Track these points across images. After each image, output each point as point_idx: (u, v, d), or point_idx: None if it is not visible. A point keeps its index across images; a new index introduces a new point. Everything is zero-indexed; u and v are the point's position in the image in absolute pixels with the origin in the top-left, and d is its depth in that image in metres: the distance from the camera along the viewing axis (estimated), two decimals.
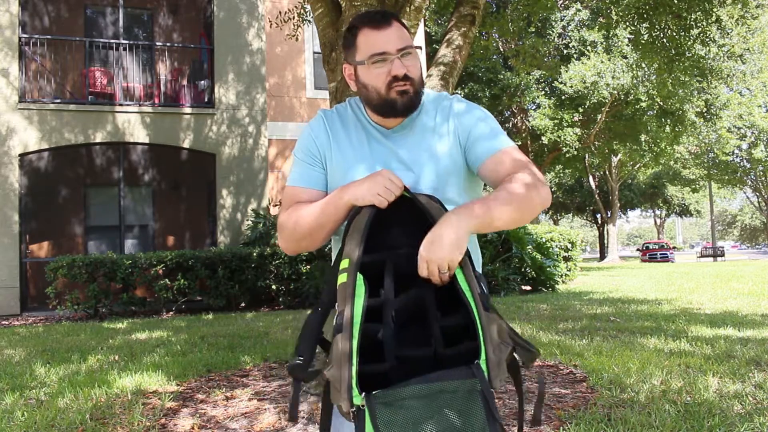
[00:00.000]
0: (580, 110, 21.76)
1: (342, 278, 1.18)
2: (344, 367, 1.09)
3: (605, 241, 41.72)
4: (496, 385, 1.09)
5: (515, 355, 1.19)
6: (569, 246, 14.28)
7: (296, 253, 1.42)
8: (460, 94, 21.46)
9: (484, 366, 1.09)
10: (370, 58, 1.34)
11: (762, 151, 31.36)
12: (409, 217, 1.26)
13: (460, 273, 1.17)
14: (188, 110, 11.20)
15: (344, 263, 1.20)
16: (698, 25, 7.44)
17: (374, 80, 1.35)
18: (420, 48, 1.41)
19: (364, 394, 1.06)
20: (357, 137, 1.42)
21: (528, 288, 12.12)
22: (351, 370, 1.08)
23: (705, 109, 22.76)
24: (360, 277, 1.16)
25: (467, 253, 1.20)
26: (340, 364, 1.10)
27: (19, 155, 10.37)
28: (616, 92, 19.91)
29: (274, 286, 9.67)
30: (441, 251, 1.14)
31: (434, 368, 1.11)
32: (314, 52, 13.27)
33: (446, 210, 1.26)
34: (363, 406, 1.06)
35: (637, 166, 32.40)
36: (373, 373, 1.14)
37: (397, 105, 1.34)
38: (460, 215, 1.19)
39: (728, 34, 10.71)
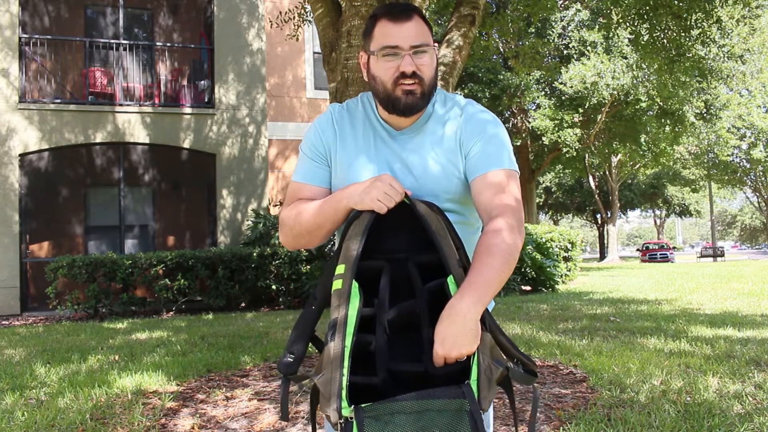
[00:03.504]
0: (580, 111, 21.74)
1: (337, 284, 1.17)
2: (335, 376, 1.08)
3: (605, 241, 41.72)
4: (485, 406, 1.08)
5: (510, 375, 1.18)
6: (569, 246, 14.28)
7: (296, 249, 1.43)
8: (461, 94, 21.45)
9: (474, 386, 1.08)
10: (382, 50, 1.31)
11: (761, 151, 31.35)
12: (408, 223, 1.25)
13: (454, 288, 1.16)
14: (188, 110, 11.20)
15: (340, 269, 1.18)
16: (699, 25, 7.44)
17: (383, 73, 1.32)
18: (436, 45, 1.37)
19: (353, 406, 1.06)
20: (364, 136, 1.40)
21: (528, 288, 12.12)
22: (341, 381, 1.07)
23: (705, 110, 22.76)
24: (355, 285, 1.15)
25: (464, 265, 1.19)
26: (330, 372, 1.09)
27: (20, 155, 10.37)
28: (616, 93, 19.89)
29: (274, 286, 9.67)
30: (461, 348, 1.11)
31: (425, 384, 1.11)
32: (314, 52, 13.28)
33: (445, 218, 1.23)
34: (351, 418, 1.05)
35: (637, 166, 32.37)
36: (363, 386, 1.13)
37: (400, 103, 1.32)
38: (470, 304, 1.12)
39: (728, 34, 10.71)
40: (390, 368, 1.17)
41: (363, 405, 1.06)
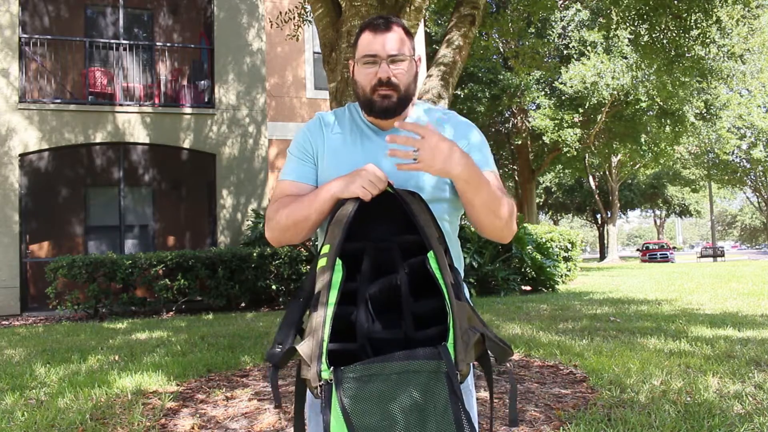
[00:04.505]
0: (580, 110, 21.75)
1: (321, 262, 1.22)
2: (316, 340, 1.13)
3: (605, 242, 41.72)
4: (462, 369, 1.11)
5: (489, 351, 1.22)
6: (569, 246, 14.29)
7: (281, 245, 1.47)
8: (460, 94, 21.47)
9: (451, 348, 1.12)
10: (362, 58, 1.42)
11: (761, 151, 31.34)
12: (391, 212, 1.30)
13: (434, 262, 1.20)
14: (188, 110, 11.20)
15: (325, 249, 1.24)
16: (698, 25, 7.44)
17: (362, 79, 1.42)
18: (419, 58, 1.46)
19: (332, 368, 1.10)
20: (351, 138, 1.47)
21: (528, 288, 12.12)
22: (322, 345, 1.11)
23: (705, 110, 22.75)
24: (339, 261, 1.21)
25: (444, 246, 1.24)
26: (311, 337, 1.14)
27: (20, 155, 10.37)
28: (616, 93, 19.90)
29: (274, 286, 9.67)
30: (445, 156, 1.23)
31: (404, 350, 1.14)
32: (314, 52, 13.27)
33: (428, 207, 1.29)
34: (330, 380, 1.09)
35: (637, 166, 32.38)
36: (344, 353, 1.18)
37: (375, 106, 1.41)
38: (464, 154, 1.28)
39: (728, 34, 10.69)
40: (369, 336, 1.23)
41: (342, 367, 1.10)
